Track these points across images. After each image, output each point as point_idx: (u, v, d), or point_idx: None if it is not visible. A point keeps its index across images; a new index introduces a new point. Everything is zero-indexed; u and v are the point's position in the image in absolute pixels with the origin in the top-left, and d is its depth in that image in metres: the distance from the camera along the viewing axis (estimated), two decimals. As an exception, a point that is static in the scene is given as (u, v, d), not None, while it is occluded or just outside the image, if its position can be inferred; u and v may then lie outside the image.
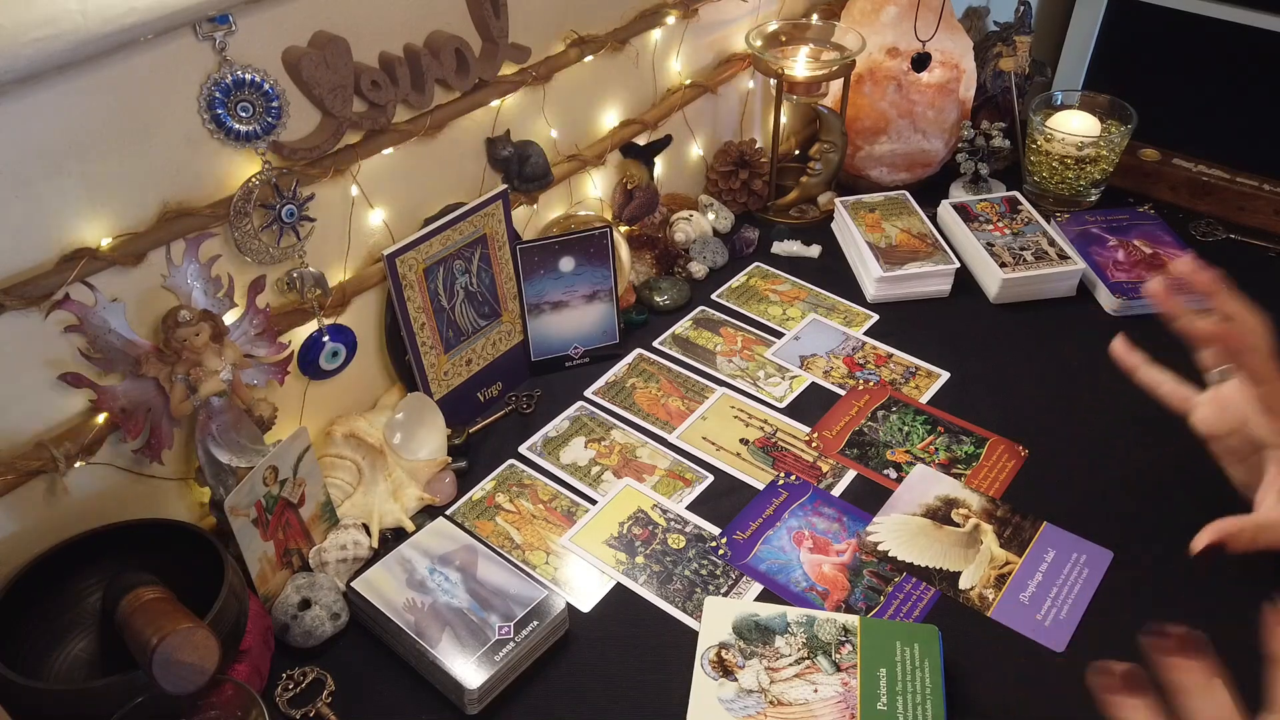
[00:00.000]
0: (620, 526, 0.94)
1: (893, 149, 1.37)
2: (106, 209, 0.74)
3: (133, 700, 0.67)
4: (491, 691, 0.79)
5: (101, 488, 0.81)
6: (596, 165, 1.18)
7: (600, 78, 1.14)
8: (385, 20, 0.87)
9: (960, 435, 1.03)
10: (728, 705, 0.77)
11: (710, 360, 1.14)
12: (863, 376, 1.11)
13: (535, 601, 0.83)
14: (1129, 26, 2.10)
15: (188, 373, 0.80)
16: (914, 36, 1.32)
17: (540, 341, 1.12)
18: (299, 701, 0.80)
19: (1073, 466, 1.00)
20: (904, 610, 0.86)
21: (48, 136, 0.69)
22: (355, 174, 0.91)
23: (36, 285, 0.71)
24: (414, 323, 0.98)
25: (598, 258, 1.10)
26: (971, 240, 1.25)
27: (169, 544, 0.79)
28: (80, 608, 0.79)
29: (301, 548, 0.88)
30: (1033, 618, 0.85)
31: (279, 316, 0.89)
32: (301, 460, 0.86)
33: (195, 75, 0.75)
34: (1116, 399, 1.08)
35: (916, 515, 0.95)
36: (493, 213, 1.02)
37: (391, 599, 0.83)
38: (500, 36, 0.96)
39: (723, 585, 0.89)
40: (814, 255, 1.30)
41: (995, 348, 1.15)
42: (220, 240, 0.82)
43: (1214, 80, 2.03)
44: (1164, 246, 1.26)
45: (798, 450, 1.02)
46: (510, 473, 1.00)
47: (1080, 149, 1.29)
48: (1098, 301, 1.21)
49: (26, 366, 0.73)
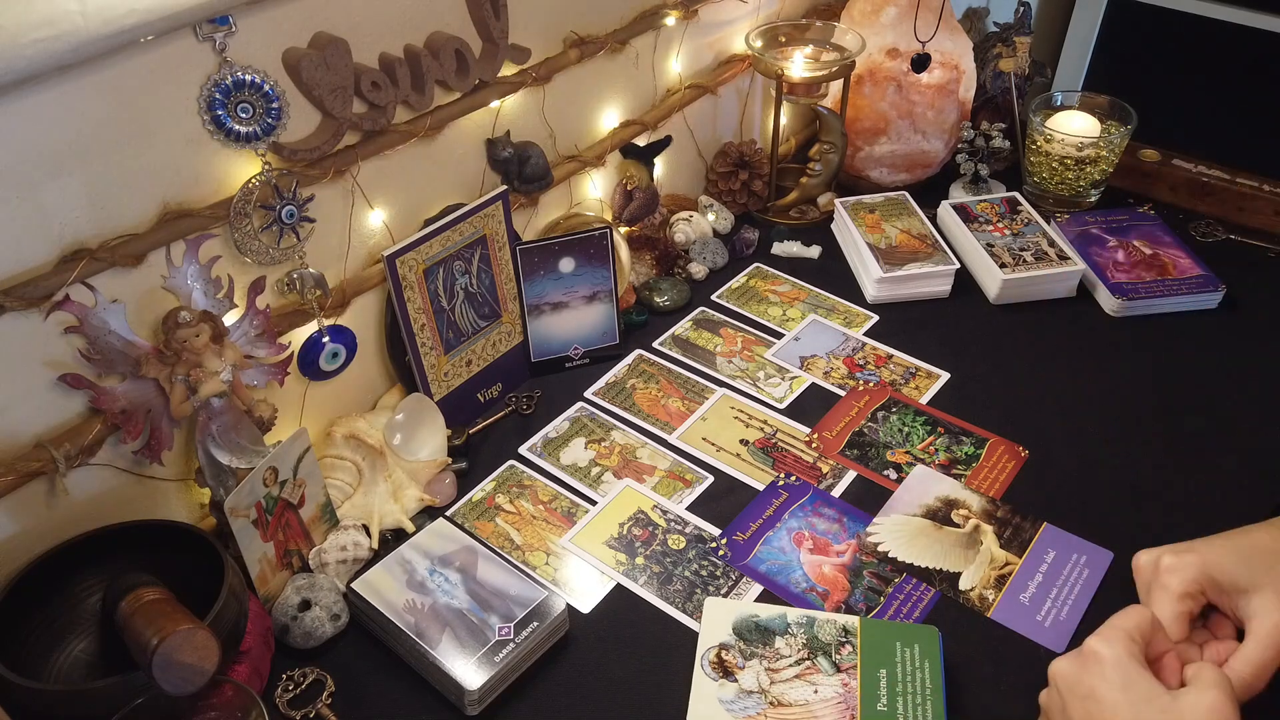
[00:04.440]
0: (620, 527, 0.94)
1: (892, 150, 1.37)
2: (106, 209, 0.74)
3: (133, 701, 0.67)
4: (491, 692, 0.79)
5: (101, 489, 0.81)
6: (596, 166, 1.18)
7: (600, 78, 1.14)
8: (385, 21, 0.87)
9: (960, 436, 1.03)
10: (728, 706, 0.77)
11: (710, 361, 1.14)
12: (863, 377, 1.11)
13: (535, 602, 0.83)
14: (1129, 27, 2.10)
15: (188, 374, 0.80)
16: (914, 37, 1.32)
17: (540, 342, 1.12)
18: (299, 702, 0.80)
19: (1073, 466, 1.00)
20: (904, 611, 0.86)
21: (48, 137, 0.69)
22: (355, 175, 0.91)
23: (36, 286, 0.71)
24: (414, 323, 0.98)
25: (598, 258, 1.10)
26: (971, 241, 1.25)
27: (169, 545, 0.79)
28: (80, 608, 0.79)
29: (301, 549, 0.88)
30: (1033, 618, 0.85)
31: (279, 317, 0.89)
32: (301, 461, 0.86)
33: (195, 76, 0.75)
34: (1116, 399, 1.08)
35: (916, 516, 0.95)
36: (493, 213, 1.02)
37: (391, 600, 0.83)
38: (500, 37, 0.96)
39: (723, 586, 0.89)
40: (814, 256, 1.30)
41: (995, 348, 1.15)
42: (220, 241, 0.82)
43: (1214, 80, 2.03)
44: (1164, 247, 1.26)
45: (798, 451, 1.02)
46: (510, 473, 1.00)
47: (1080, 149, 1.29)
48: (1097, 302, 1.21)
49: (26, 367, 0.73)
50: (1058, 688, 0.65)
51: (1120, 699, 0.60)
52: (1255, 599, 0.65)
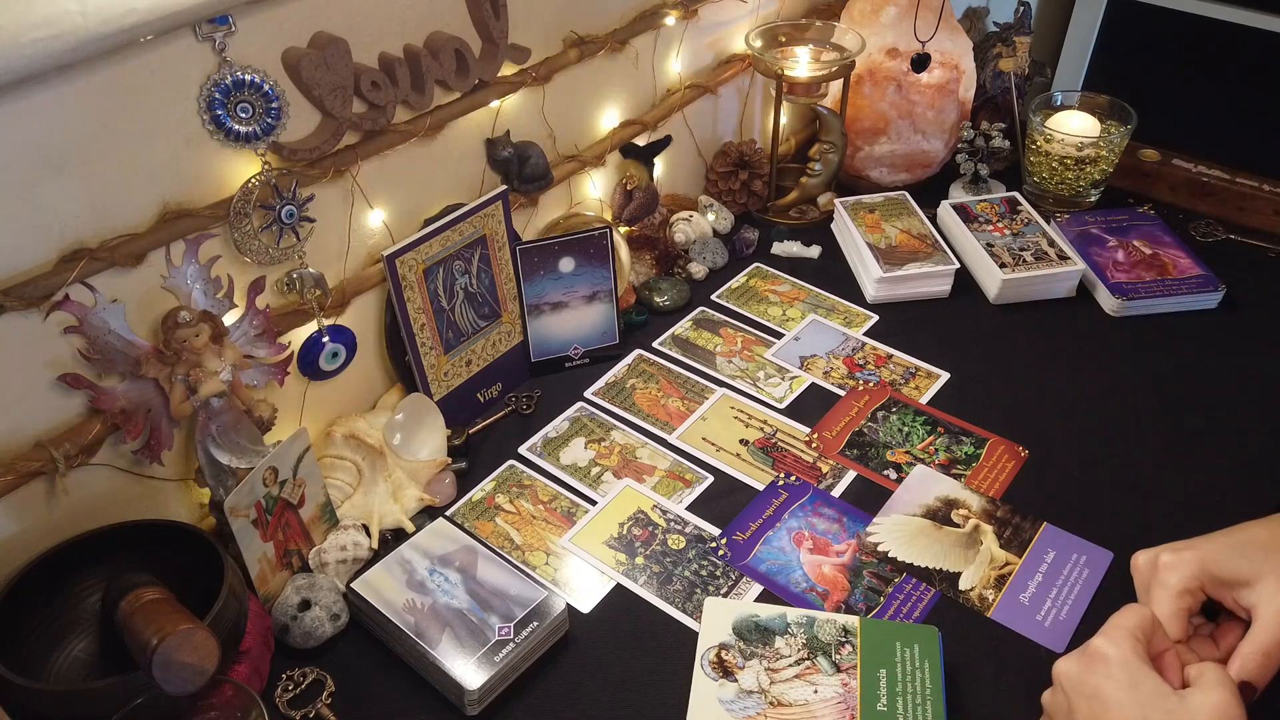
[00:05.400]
0: (620, 527, 0.94)
1: (892, 149, 1.37)
2: (106, 209, 0.74)
3: (133, 700, 0.67)
4: (491, 692, 0.79)
5: (101, 488, 0.81)
6: (596, 166, 1.18)
7: (600, 78, 1.14)
8: (385, 21, 0.87)
9: (960, 436, 1.03)
10: (728, 706, 0.77)
11: (710, 361, 1.14)
12: (862, 377, 1.11)
13: (535, 602, 0.83)
14: (1129, 26, 2.10)
15: (187, 374, 0.80)
16: (914, 37, 1.32)
17: (540, 342, 1.12)
18: (299, 702, 0.80)
19: (1073, 466, 1.00)
20: (904, 611, 0.86)
21: (48, 136, 0.69)
22: (355, 175, 0.91)
23: (36, 286, 0.71)
24: (414, 323, 0.98)
25: (597, 258, 1.10)
26: (971, 241, 1.25)
27: (169, 545, 0.79)
28: (80, 608, 0.79)
29: (301, 548, 0.88)
30: (1033, 618, 0.85)
31: (279, 317, 0.89)
32: (301, 461, 0.86)
33: (195, 76, 0.75)
34: (1116, 399, 1.08)
35: (916, 516, 0.95)
36: (492, 213, 1.02)
37: (391, 600, 0.83)
38: (500, 37, 0.96)
39: (723, 586, 0.89)
40: (814, 256, 1.30)
41: (995, 348, 1.15)
42: (220, 241, 0.82)
43: (1214, 80, 2.03)
44: (1164, 247, 1.26)
45: (797, 451, 1.02)
46: (510, 473, 1.00)
47: (1080, 149, 1.29)
48: (1097, 302, 1.21)
49: (26, 367, 0.73)
50: (1063, 688, 0.65)
51: (1127, 698, 0.60)
52: (1258, 587, 0.65)
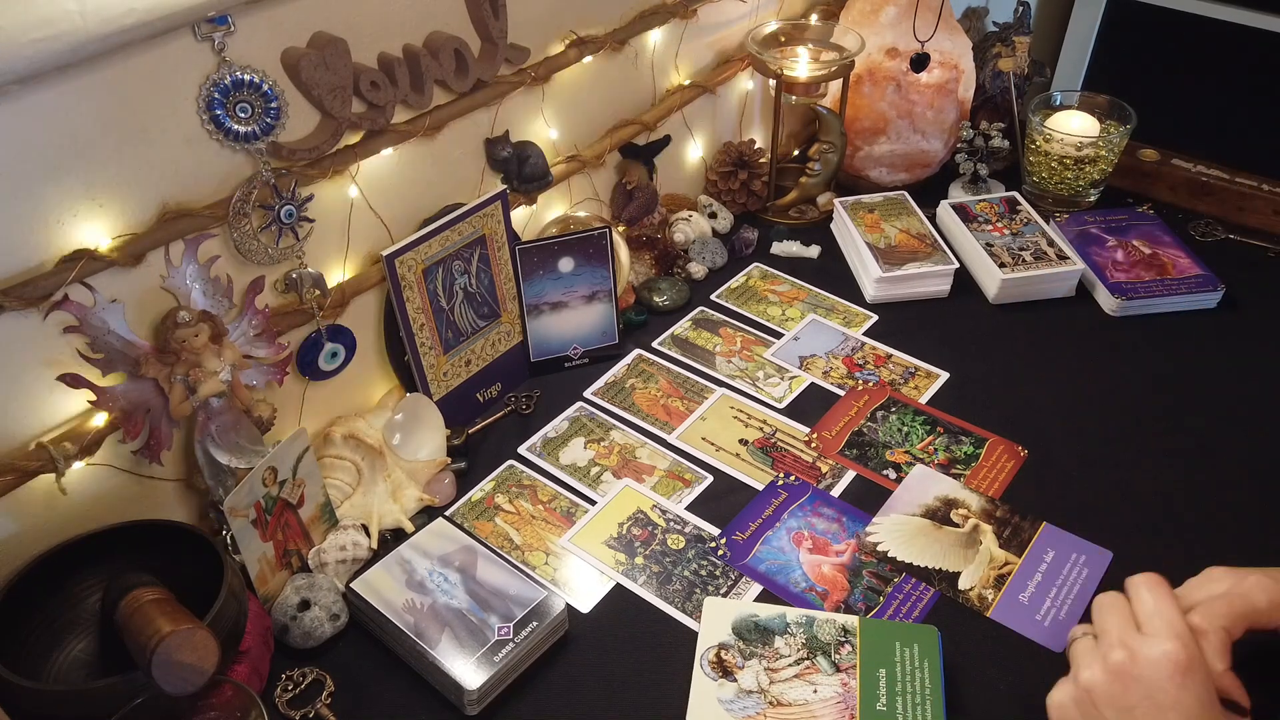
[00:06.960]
0: (620, 527, 0.94)
1: (892, 149, 1.37)
2: (106, 209, 0.74)
3: (133, 701, 0.67)
4: (491, 692, 0.79)
5: (101, 489, 0.81)
6: (596, 166, 1.18)
7: (599, 78, 1.14)
8: (384, 21, 0.87)
9: (959, 435, 1.03)
10: (727, 706, 0.77)
11: (709, 361, 1.14)
12: (862, 377, 1.11)
13: (535, 602, 0.83)
14: (1128, 26, 2.10)
15: (187, 373, 0.80)
16: (913, 37, 1.32)
17: (539, 342, 1.12)
18: (298, 702, 0.80)
19: (1072, 466, 1.00)
20: (903, 611, 0.86)
21: (48, 137, 0.69)
22: (354, 175, 0.91)
23: (36, 286, 0.71)
24: (413, 323, 0.98)
25: (597, 258, 1.10)
26: (971, 240, 1.25)
27: (169, 545, 0.79)
28: (80, 608, 0.79)
29: (301, 548, 0.88)
30: (1032, 618, 0.85)
31: (278, 317, 0.89)
32: (300, 461, 0.86)
33: (194, 76, 0.75)
34: (1116, 399, 1.08)
35: (916, 515, 0.95)
36: (492, 213, 1.02)
37: (391, 600, 0.83)
38: (499, 37, 0.96)
39: (722, 586, 0.89)
40: (813, 256, 1.30)
41: (994, 348, 1.15)
42: (219, 241, 0.82)
43: (1214, 80, 2.03)
44: (1163, 247, 1.26)
45: (797, 451, 1.02)
46: (509, 473, 1.00)
47: (1079, 149, 1.29)
48: (1097, 302, 1.21)
49: (26, 367, 0.73)
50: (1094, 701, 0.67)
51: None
52: None
